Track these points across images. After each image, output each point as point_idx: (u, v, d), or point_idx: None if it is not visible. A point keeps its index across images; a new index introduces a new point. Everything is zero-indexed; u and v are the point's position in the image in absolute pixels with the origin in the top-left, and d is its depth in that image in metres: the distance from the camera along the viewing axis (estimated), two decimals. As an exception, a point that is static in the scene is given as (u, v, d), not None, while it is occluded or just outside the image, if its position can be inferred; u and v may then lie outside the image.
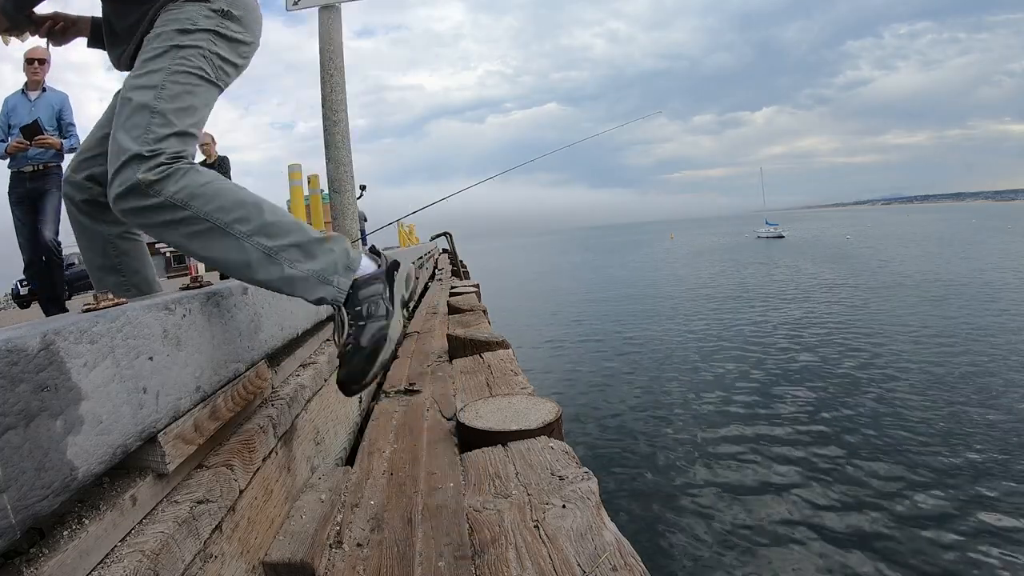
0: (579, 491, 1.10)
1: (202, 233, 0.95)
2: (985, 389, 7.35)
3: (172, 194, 0.93)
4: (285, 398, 1.23)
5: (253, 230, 0.97)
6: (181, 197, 0.93)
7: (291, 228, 1.01)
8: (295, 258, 0.99)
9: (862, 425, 6.43)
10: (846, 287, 18.25)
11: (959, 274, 19.32)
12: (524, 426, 1.45)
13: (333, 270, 1.03)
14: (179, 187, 0.93)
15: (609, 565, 0.86)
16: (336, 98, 3.32)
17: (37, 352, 0.56)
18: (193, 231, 0.95)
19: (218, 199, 0.96)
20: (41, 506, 0.53)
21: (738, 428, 6.66)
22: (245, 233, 0.96)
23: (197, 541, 0.75)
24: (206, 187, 0.96)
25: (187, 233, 0.95)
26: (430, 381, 2.31)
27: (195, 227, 0.95)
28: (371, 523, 1.15)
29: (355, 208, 3.53)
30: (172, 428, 0.79)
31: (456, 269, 10.96)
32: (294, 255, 0.99)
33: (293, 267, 0.99)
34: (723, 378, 8.82)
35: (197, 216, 0.94)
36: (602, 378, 9.37)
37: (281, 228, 0.99)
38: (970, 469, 5.16)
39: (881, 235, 53.03)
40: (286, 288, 1.01)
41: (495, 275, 32.47)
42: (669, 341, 11.96)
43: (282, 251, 0.98)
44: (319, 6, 3.35)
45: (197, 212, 0.94)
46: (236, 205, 0.97)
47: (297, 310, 1.49)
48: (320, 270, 1.01)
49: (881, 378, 8.15)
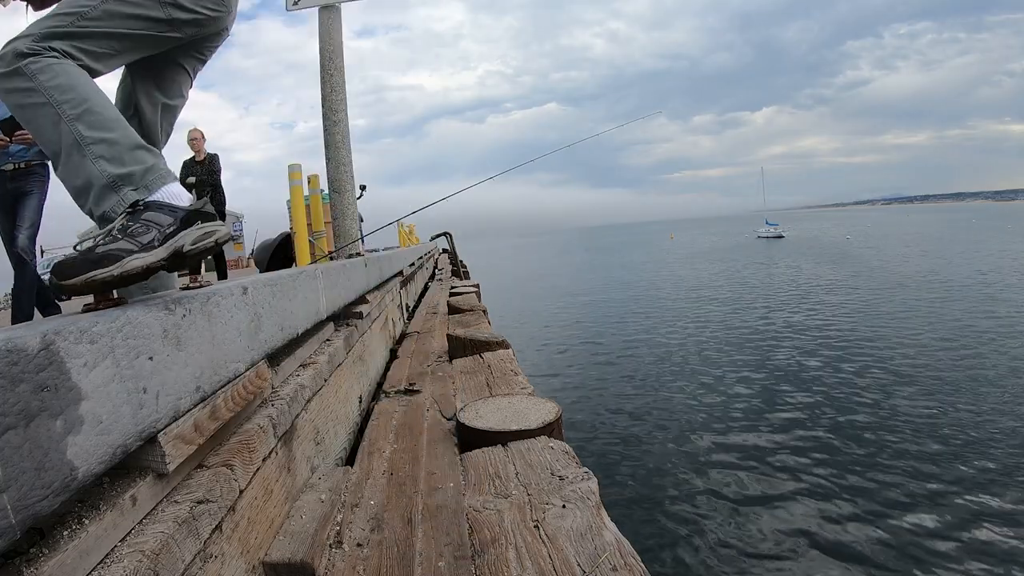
0: (579, 491, 1.10)
1: (36, 106, 1.02)
2: (988, 391, 7.34)
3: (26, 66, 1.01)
4: (285, 398, 1.23)
5: (77, 115, 1.02)
6: (33, 70, 1.01)
7: (112, 127, 1.06)
8: (101, 153, 1.03)
9: (862, 425, 6.43)
10: (847, 288, 18.25)
11: (960, 274, 19.33)
12: (524, 426, 1.45)
13: (129, 182, 1.04)
14: (39, 66, 1.01)
15: (609, 565, 0.86)
16: (336, 98, 3.32)
17: (37, 352, 0.56)
18: (32, 102, 1.02)
19: (64, 80, 1.02)
20: (41, 506, 0.53)
21: (738, 428, 6.66)
22: (70, 116, 1.02)
23: (197, 541, 0.75)
24: (60, 69, 1.03)
25: (24, 103, 1.03)
26: (430, 381, 2.31)
27: (33, 99, 1.02)
28: (371, 523, 1.15)
29: (355, 208, 3.53)
30: (172, 428, 0.79)
31: (456, 269, 10.96)
32: (102, 150, 1.03)
33: (96, 163, 1.03)
34: (723, 378, 8.82)
35: (38, 90, 1.01)
36: (602, 378, 9.37)
37: (103, 123, 1.05)
38: (975, 473, 5.15)
39: (881, 235, 53.03)
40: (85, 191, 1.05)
41: (495, 275, 32.47)
42: (669, 341, 11.96)
43: (93, 144, 1.02)
44: (319, 6, 3.35)
45: (39, 86, 1.01)
46: (74, 91, 1.03)
47: (297, 310, 1.49)
48: (118, 176, 1.03)
49: (881, 379, 8.15)
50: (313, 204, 5.10)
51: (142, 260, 0.91)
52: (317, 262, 3.47)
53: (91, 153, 1.02)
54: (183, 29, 1.22)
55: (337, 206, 3.45)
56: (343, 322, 2.12)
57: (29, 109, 1.03)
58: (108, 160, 1.03)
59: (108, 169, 1.03)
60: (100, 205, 1.04)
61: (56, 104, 1.01)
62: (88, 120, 1.03)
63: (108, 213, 1.03)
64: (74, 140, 1.02)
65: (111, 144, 1.03)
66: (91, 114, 1.03)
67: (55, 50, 1.03)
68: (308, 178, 4.85)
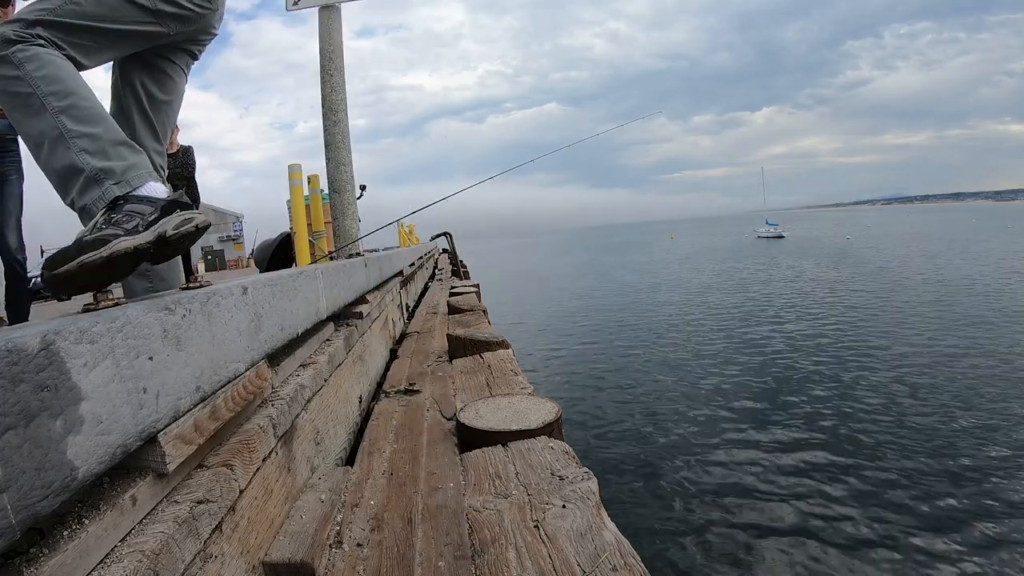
0: (579, 491, 1.10)
1: (22, 95, 1.03)
2: (990, 393, 7.34)
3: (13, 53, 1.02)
4: (285, 398, 1.23)
5: (62, 108, 1.03)
6: (20, 58, 1.02)
7: (97, 122, 1.07)
8: (85, 147, 1.04)
9: (864, 426, 6.43)
10: (848, 288, 18.24)
11: (962, 275, 19.31)
12: (524, 426, 1.44)
13: (111, 176, 1.05)
14: (27, 55, 1.02)
15: (609, 565, 0.86)
16: (336, 98, 3.32)
17: (37, 352, 0.56)
18: (17, 90, 1.03)
19: (51, 71, 1.04)
20: (41, 506, 0.53)
21: (739, 428, 6.66)
22: (56, 108, 1.03)
23: (197, 541, 0.75)
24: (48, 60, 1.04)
25: (10, 91, 1.03)
26: (430, 381, 2.31)
27: (18, 87, 1.03)
28: (371, 523, 1.15)
29: (355, 208, 3.53)
30: (172, 428, 0.79)
31: (456, 269, 10.96)
32: (86, 144, 1.04)
33: (80, 156, 1.03)
34: (724, 378, 8.82)
35: (24, 79, 1.02)
36: (602, 378, 9.37)
37: (88, 117, 1.06)
38: (978, 476, 5.14)
39: (882, 235, 53.03)
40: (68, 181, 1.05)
41: (495, 275, 32.46)
42: (669, 341, 11.96)
43: (77, 138, 1.03)
44: (319, 6, 3.35)
45: (26, 75, 1.02)
46: (61, 82, 1.04)
47: (297, 310, 1.49)
48: (101, 169, 1.05)
49: (883, 380, 8.15)
50: (313, 204, 5.10)
51: (129, 242, 0.94)
52: (317, 262, 3.47)
53: (75, 146, 1.03)
54: (168, 23, 1.23)
55: (337, 206, 3.45)
56: (343, 322, 2.12)
57: (14, 97, 1.04)
58: (91, 154, 1.04)
59: (92, 162, 1.04)
60: (83, 197, 1.05)
61: (42, 95, 1.02)
62: (73, 113, 1.04)
63: (90, 207, 1.05)
64: (59, 132, 1.03)
65: (95, 139, 1.05)
66: (76, 108, 1.04)
67: (42, 38, 1.04)
68: (308, 178, 4.85)
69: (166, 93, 1.40)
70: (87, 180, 1.04)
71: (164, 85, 1.39)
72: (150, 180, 1.10)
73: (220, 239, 31.13)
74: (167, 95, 1.41)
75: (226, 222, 32.45)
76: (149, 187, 1.09)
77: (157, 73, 1.36)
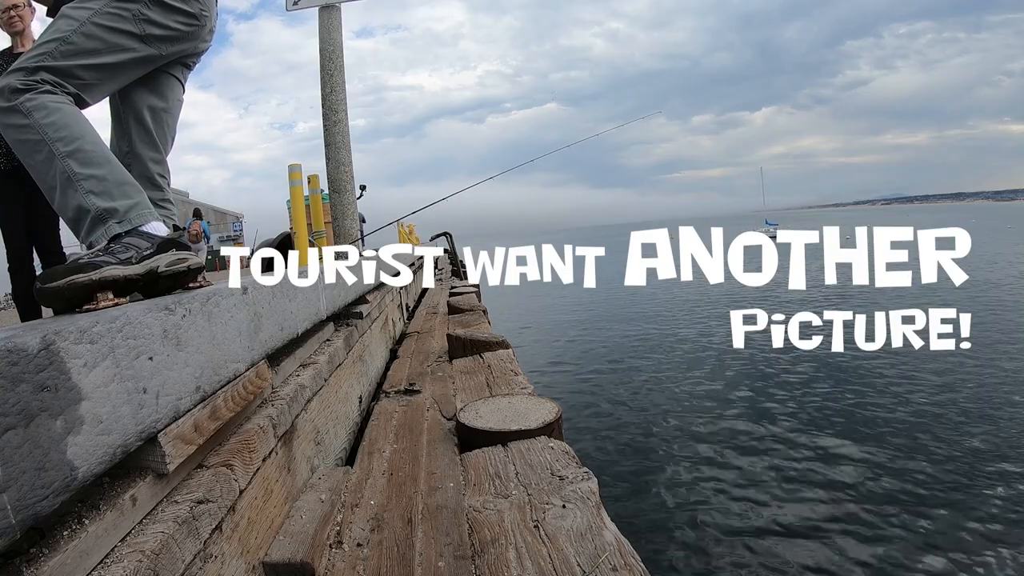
0: (579, 491, 1.10)
1: (32, 142, 1.09)
2: (992, 394, 7.34)
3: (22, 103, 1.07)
4: (285, 398, 1.23)
5: (69, 152, 1.09)
6: (28, 107, 1.07)
7: (101, 164, 1.13)
8: (91, 188, 1.11)
9: (865, 426, 6.43)
10: (849, 289, 18.23)
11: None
12: (524, 426, 1.44)
13: (114, 215, 1.12)
14: (35, 103, 1.08)
15: (609, 565, 0.86)
16: (336, 98, 3.32)
17: (37, 352, 0.56)
18: (28, 138, 1.09)
19: (57, 118, 1.09)
20: (41, 506, 0.53)
21: (739, 428, 6.65)
22: (63, 152, 1.09)
23: (197, 541, 0.75)
24: (54, 107, 1.09)
25: (22, 139, 1.09)
26: (430, 381, 2.31)
27: (29, 135, 1.09)
28: (371, 523, 1.15)
29: (355, 208, 3.53)
30: (172, 428, 0.79)
31: (456, 269, 10.95)
32: (92, 186, 1.11)
33: (87, 198, 1.10)
34: (724, 378, 8.82)
35: (33, 127, 1.08)
36: (602, 378, 9.36)
37: (93, 159, 1.12)
38: (979, 477, 5.14)
39: (881, 235, 52.93)
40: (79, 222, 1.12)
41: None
42: (670, 341, 11.95)
43: (83, 180, 1.10)
44: (319, 6, 3.35)
45: (35, 123, 1.08)
46: (67, 128, 1.10)
47: (297, 310, 1.49)
48: (105, 209, 1.11)
49: (885, 380, 8.14)
50: (313, 204, 5.09)
51: (120, 271, 1.00)
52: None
53: (82, 188, 1.10)
54: (158, 45, 1.27)
55: (337, 206, 3.46)
56: (343, 322, 2.12)
57: (26, 144, 1.10)
58: (97, 195, 1.11)
59: (97, 203, 1.11)
60: (90, 235, 1.13)
61: (50, 141, 1.08)
62: (79, 157, 1.10)
63: (95, 242, 1.12)
64: (67, 176, 1.09)
65: (100, 180, 1.12)
66: (82, 152, 1.11)
67: (46, 82, 1.10)
68: (308, 178, 4.84)
69: (163, 101, 1.42)
70: (94, 220, 1.12)
71: (160, 95, 1.42)
72: (152, 220, 1.18)
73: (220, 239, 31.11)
74: (163, 103, 1.42)
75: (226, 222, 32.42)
76: (151, 225, 1.17)
77: (152, 84, 1.39)
